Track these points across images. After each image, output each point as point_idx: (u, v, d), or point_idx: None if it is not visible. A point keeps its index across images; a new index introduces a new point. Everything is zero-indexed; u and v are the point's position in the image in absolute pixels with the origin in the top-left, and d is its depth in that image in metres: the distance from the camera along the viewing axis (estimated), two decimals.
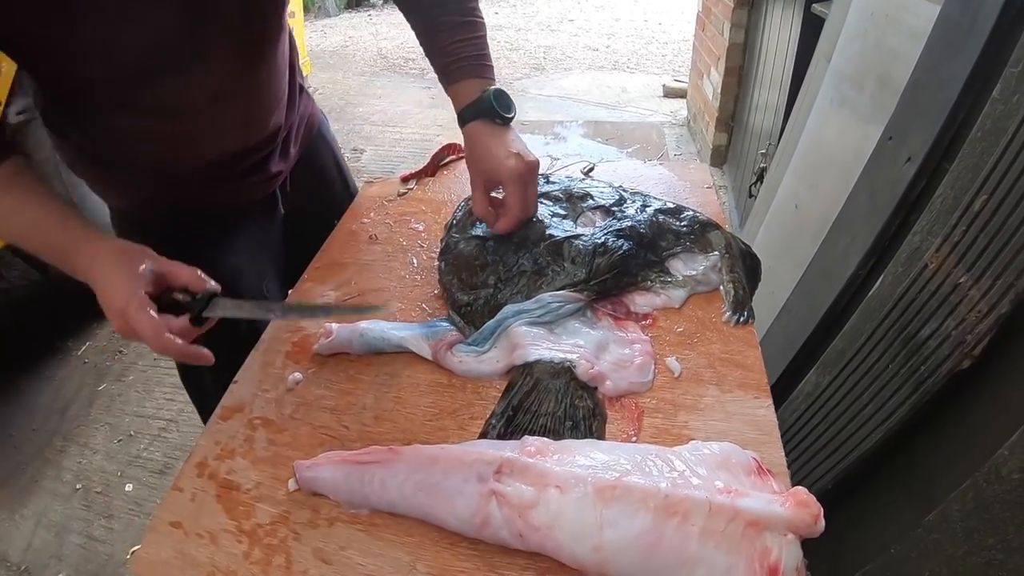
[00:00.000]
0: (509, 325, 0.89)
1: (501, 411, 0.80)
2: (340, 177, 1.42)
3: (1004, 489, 0.83)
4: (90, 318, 2.84)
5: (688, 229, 1.02)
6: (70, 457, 2.22)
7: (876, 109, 1.48)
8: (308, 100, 1.30)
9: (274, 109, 1.11)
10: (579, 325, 0.90)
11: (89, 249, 0.83)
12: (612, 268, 0.94)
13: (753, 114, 3.15)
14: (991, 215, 0.93)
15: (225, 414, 0.87)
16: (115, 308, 0.79)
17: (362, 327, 0.93)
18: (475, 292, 0.96)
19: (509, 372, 0.86)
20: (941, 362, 0.97)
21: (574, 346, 0.86)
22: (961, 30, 1.11)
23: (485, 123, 1.01)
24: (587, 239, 0.97)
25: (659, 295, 0.95)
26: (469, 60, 1.03)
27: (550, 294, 0.91)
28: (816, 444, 1.23)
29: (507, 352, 0.87)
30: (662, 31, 7.59)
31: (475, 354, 0.89)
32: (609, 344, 0.87)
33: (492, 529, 0.63)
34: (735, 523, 0.58)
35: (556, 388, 0.81)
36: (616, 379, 0.82)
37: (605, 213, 1.07)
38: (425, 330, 0.93)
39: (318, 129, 1.34)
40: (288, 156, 1.21)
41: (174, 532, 0.72)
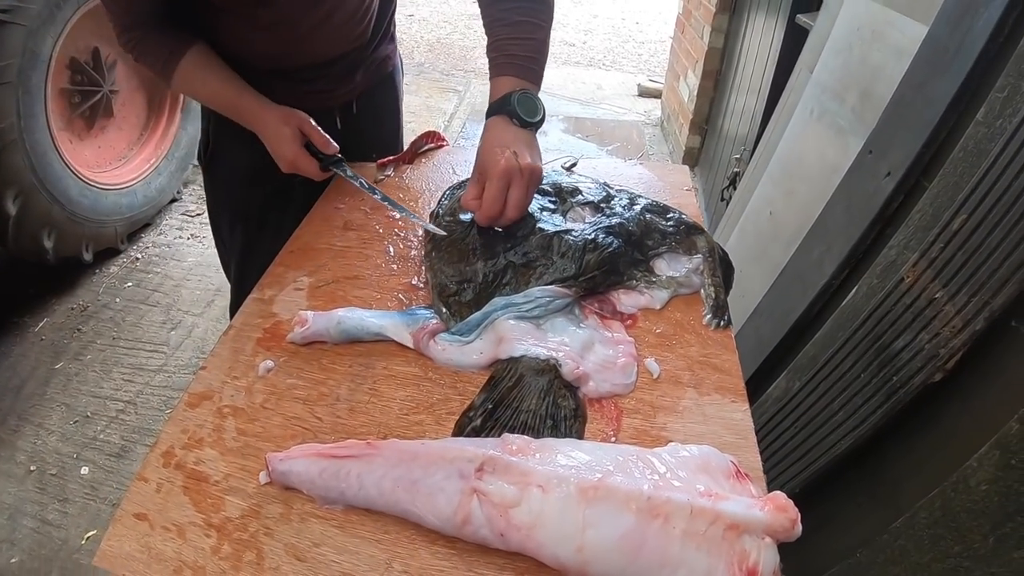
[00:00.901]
0: (496, 318, 0.88)
1: (480, 403, 0.80)
2: (393, 126, 1.56)
3: (972, 499, 0.85)
4: (48, 293, 2.76)
5: (674, 229, 1.02)
6: (24, 438, 2.15)
7: (856, 122, 1.50)
8: (391, 44, 1.45)
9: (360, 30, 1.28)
10: (566, 323, 0.89)
11: (260, 112, 1.16)
12: (601, 265, 0.94)
13: (728, 119, 3.17)
14: (969, 234, 0.95)
15: (193, 401, 0.84)
16: (284, 155, 1.15)
17: (339, 315, 0.90)
18: (464, 282, 0.95)
19: (492, 365, 0.85)
20: (914, 374, 0.99)
21: (560, 344, 0.85)
22: (948, 51, 1.12)
23: (503, 120, 1.02)
24: (577, 235, 0.97)
25: (643, 294, 0.95)
26: (515, 59, 1.05)
27: (539, 288, 0.90)
28: (785, 448, 1.24)
29: (492, 345, 0.86)
30: (639, 30, 7.63)
31: (459, 344, 0.87)
32: (594, 344, 0.87)
33: (473, 528, 0.62)
34: (716, 526, 0.58)
35: (539, 385, 0.80)
36: (599, 380, 0.82)
37: (594, 209, 1.07)
38: (405, 318, 0.91)
39: (390, 72, 1.46)
40: (353, 80, 1.34)
41: (139, 524, 0.70)
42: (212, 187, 1.45)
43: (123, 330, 2.61)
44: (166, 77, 1.13)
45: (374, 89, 1.43)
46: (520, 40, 1.06)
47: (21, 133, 2.30)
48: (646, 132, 4.55)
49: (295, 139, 1.14)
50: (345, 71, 1.32)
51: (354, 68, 1.33)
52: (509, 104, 1.01)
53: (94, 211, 2.71)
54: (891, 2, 1.49)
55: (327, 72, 1.29)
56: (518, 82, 1.04)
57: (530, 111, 1.02)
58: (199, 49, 1.13)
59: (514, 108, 1.01)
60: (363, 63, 1.35)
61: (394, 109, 1.55)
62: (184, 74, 1.13)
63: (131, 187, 2.96)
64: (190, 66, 1.12)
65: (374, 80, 1.41)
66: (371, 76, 1.40)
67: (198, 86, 1.16)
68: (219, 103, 1.18)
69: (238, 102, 1.16)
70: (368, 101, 1.41)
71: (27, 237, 2.45)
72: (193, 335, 2.59)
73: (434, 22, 7.48)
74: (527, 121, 1.02)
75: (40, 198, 2.42)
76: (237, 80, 1.16)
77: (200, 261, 3.01)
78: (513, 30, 1.06)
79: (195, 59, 1.12)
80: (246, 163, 1.33)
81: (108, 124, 2.93)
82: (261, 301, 1.01)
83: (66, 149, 2.58)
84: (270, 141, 1.15)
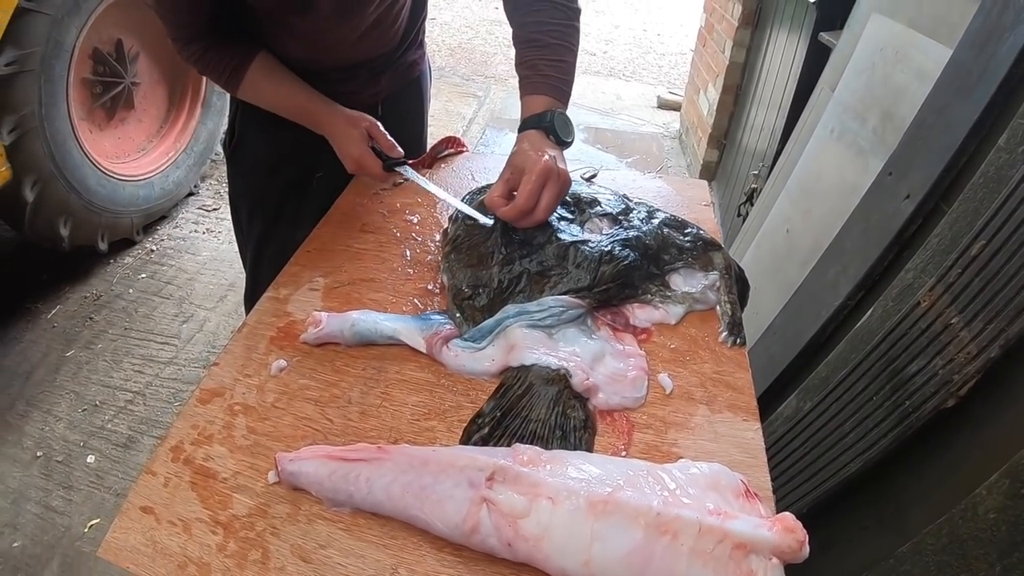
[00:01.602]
0: (508, 325, 0.88)
1: (489, 411, 0.80)
2: (417, 131, 1.58)
3: (980, 527, 0.84)
4: (62, 281, 2.78)
5: (691, 245, 1.02)
6: (32, 423, 2.16)
7: (877, 143, 1.49)
8: (420, 51, 1.49)
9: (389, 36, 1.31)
10: (578, 333, 0.89)
11: (330, 115, 1.20)
12: (616, 277, 0.94)
13: (747, 134, 3.16)
14: (988, 260, 0.94)
15: (204, 397, 0.85)
16: (351, 155, 1.18)
17: (353, 317, 0.91)
18: (479, 286, 0.95)
19: (502, 372, 0.85)
20: (926, 399, 0.98)
21: (571, 354, 0.85)
22: (972, 75, 1.12)
23: (539, 134, 1.06)
24: (594, 246, 0.97)
25: (657, 309, 0.95)
26: (550, 79, 1.10)
27: (552, 298, 0.90)
28: (793, 468, 1.23)
29: (503, 352, 0.86)
30: (660, 42, 7.62)
31: (471, 350, 0.88)
32: (605, 356, 0.86)
33: (481, 536, 0.62)
34: (723, 545, 0.58)
35: (549, 395, 0.80)
36: (609, 392, 0.81)
37: (612, 221, 1.07)
38: (419, 323, 0.92)
39: (416, 78, 1.50)
40: (379, 84, 1.37)
41: (145, 518, 0.70)
42: (234, 175, 1.49)
43: (135, 321, 2.63)
44: (232, 86, 1.18)
45: (399, 93, 1.45)
46: (553, 62, 1.11)
47: (42, 121, 2.32)
48: (664, 144, 4.54)
49: (363, 139, 1.17)
50: (372, 74, 1.35)
51: (381, 72, 1.35)
52: (547, 120, 1.06)
53: (111, 201, 2.73)
54: (915, 24, 1.48)
55: (355, 74, 1.32)
56: (553, 102, 1.09)
57: (565, 131, 1.06)
58: (263, 58, 1.18)
59: (552, 125, 1.05)
60: (390, 67, 1.37)
61: (419, 114, 1.58)
62: (252, 83, 1.18)
63: (149, 179, 2.98)
64: (257, 75, 1.17)
65: (400, 84, 1.44)
66: (397, 80, 1.42)
67: (267, 94, 1.21)
68: (288, 108, 1.22)
69: (309, 107, 1.20)
70: (393, 105, 1.43)
71: (43, 224, 2.47)
72: (205, 329, 2.60)
73: (456, 27, 7.50)
74: (562, 140, 1.06)
75: (58, 186, 2.44)
76: (304, 86, 1.21)
77: (215, 256, 3.02)
78: (548, 52, 1.11)
79: (261, 68, 1.17)
80: (267, 154, 1.39)
81: (128, 116, 2.95)
82: (276, 300, 1.01)
83: (86, 139, 2.60)
84: (338, 141, 1.19)
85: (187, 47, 1.12)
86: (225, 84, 1.18)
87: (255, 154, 1.41)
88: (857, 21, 1.79)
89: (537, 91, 1.10)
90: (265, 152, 1.39)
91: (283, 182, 1.42)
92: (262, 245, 1.48)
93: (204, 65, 1.15)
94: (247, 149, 1.41)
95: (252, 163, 1.43)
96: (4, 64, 2.13)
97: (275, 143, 1.32)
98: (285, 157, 1.33)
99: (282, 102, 1.22)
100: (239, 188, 1.49)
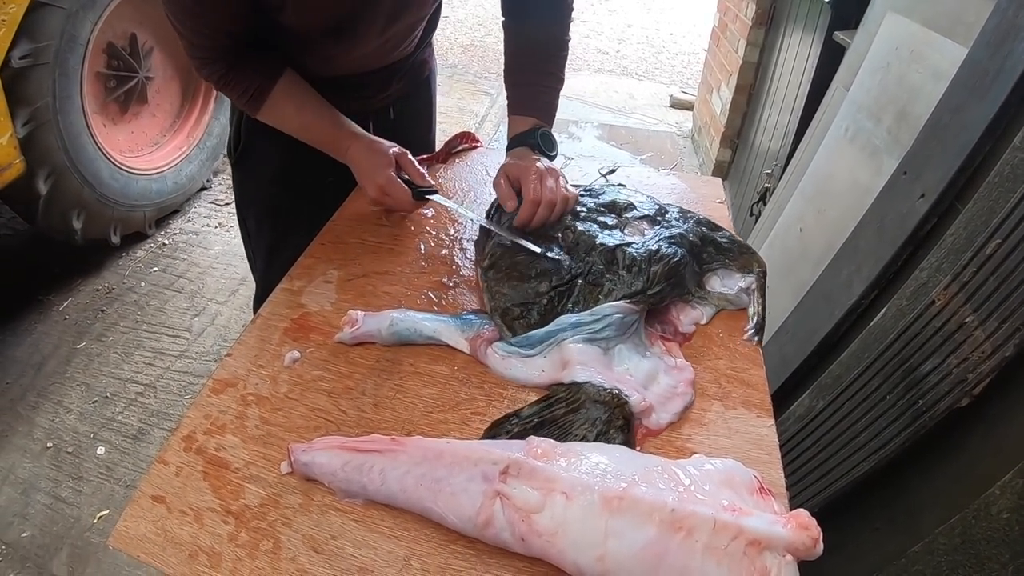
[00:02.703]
0: (564, 339, 0.86)
1: (527, 416, 0.78)
2: (427, 128, 1.59)
3: (992, 527, 0.84)
4: (75, 273, 2.79)
5: (728, 245, 1.02)
6: (43, 414, 2.17)
7: (892, 143, 1.48)
8: (429, 49, 1.48)
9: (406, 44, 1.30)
10: (632, 350, 0.87)
11: (351, 140, 1.16)
12: (669, 276, 0.92)
13: (760, 134, 3.15)
14: (1003, 259, 0.93)
15: (217, 387, 0.85)
16: (375, 182, 1.12)
17: (393, 316, 0.90)
18: (527, 304, 0.93)
19: (550, 386, 0.84)
20: (940, 398, 0.98)
21: (624, 374, 0.83)
22: (987, 75, 1.11)
23: (526, 149, 1.15)
24: (639, 246, 0.96)
25: (695, 309, 0.95)
26: (538, 104, 1.21)
27: (609, 305, 0.88)
28: (806, 467, 1.23)
29: (556, 366, 0.84)
30: (673, 41, 7.59)
31: (520, 356, 0.86)
32: (659, 374, 0.85)
33: (494, 530, 0.62)
34: (738, 541, 0.58)
35: (595, 416, 0.77)
36: (661, 412, 0.80)
37: (651, 222, 1.05)
38: (459, 322, 0.91)
39: (426, 77, 1.50)
40: (391, 87, 1.36)
41: (156, 507, 0.70)
42: (241, 182, 1.43)
43: (147, 314, 2.64)
44: (253, 108, 1.14)
45: (410, 94, 1.44)
46: (545, 88, 1.22)
47: (56, 114, 2.33)
48: (677, 144, 4.53)
49: (389, 166, 1.13)
50: (386, 78, 1.32)
51: (393, 76, 1.34)
52: (533, 138, 1.16)
53: (124, 195, 2.74)
54: (931, 23, 1.47)
55: (370, 80, 1.30)
56: (540, 123, 1.19)
57: (549, 146, 1.17)
58: (286, 81, 1.13)
59: (537, 141, 1.16)
60: (403, 70, 1.35)
61: (428, 112, 1.57)
62: (273, 107, 1.13)
63: (162, 173, 2.99)
64: (280, 98, 1.13)
65: (411, 86, 1.43)
66: (409, 82, 1.41)
67: (289, 118, 1.16)
68: (311, 134, 1.18)
69: (333, 133, 1.17)
70: (404, 105, 1.42)
71: (57, 216, 2.48)
72: (216, 323, 2.61)
73: (469, 24, 7.49)
74: (547, 155, 1.16)
75: (71, 179, 2.45)
76: (330, 109, 1.17)
77: (227, 250, 3.03)
78: (541, 78, 1.21)
79: (284, 91, 1.13)
80: (276, 163, 1.33)
81: (142, 110, 2.96)
82: (290, 292, 1.01)
83: (99, 132, 2.61)
84: (363, 167, 1.14)
85: (206, 67, 1.08)
86: (246, 105, 1.14)
87: (264, 161, 1.36)
88: (872, 20, 1.78)
89: (527, 112, 1.19)
90: (274, 158, 1.33)
91: (294, 189, 1.36)
92: (273, 253, 1.42)
93: (224, 85, 1.11)
94: (254, 155, 1.36)
95: (260, 170, 1.38)
96: (19, 57, 2.13)
97: (285, 149, 1.24)
98: (295, 163, 1.26)
99: (304, 128, 1.17)
100: (247, 196, 1.44)
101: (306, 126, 1.17)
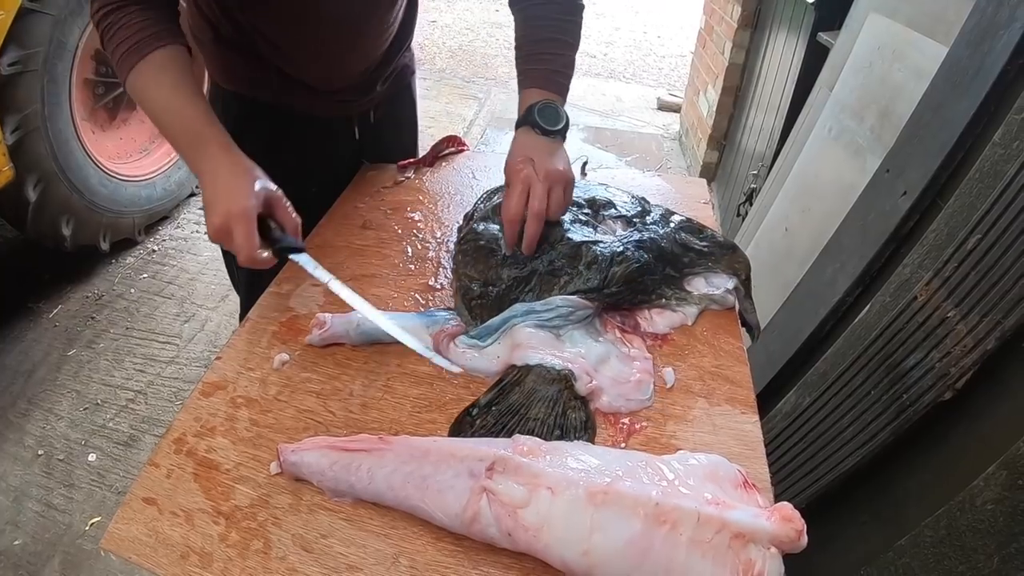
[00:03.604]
0: (515, 324, 0.88)
1: (486, 403, 0.80)
2: (411, 133, 1.53)
3: (977, 518, 0.85)
4: (64, 280, 2.78)
5: (709, 249, 1.01)
6: (33, 422, 2.17)
7: (875, 141, 1.50)
8: (409, 52, 1.40)
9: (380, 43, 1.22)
10: (585, 335, 0.89)
11: (216, 152, 0.92)
12: (628, 279, 0.92)
13: (746, 135, 3.17)
14: (983, 254, 0.95)
15: (207, 390, 0.85)
16: (222, 211, 0.86)
17: (358, 318, 0.91)
18: (488, 285, 0.95)
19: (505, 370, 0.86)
20: (924, 392, 0.99)
21: (576, 355, 0.85)
22: (967, 72, 1.13)
23: (528, 131, 1.04)
24: (606, 246, 0.96)
25: (676, 312, 0.95)
26: (542, 72, 1.08)
27: (561, 297, 0.89)
28: (793, 463, 1.24)
29: (508, 350, 0.86)
30: (660, 44, 7.62)
31: (477, 348, 0.88)
32: (611, 358, 0.86)
33: (481, 526, 0.62)
34: (722, 534, 0.58)
35: (550, 395, 0.80)
36: (613, 395, 0.81)
37: (626, 223, 1.05)
38: (424, 319, 0.92)
39: (408, 82, 1.44)
40: (374, 91, 1.30)
41: (147, 509, 0.71)
42: None
43: (137, 320, 2.63)
44: (127, 65, 0.91)
45: (392, 99, 1.40)
46: (548, 56, 1.08)
47: (44, 121, 2.33)
48: (664, 146, 4.55)
49: (250, 196, 0.88)
50: (368, 83, 1.28)
51: (376, 79, 1.30)
52: (531, 115, 1.03)
53: (113, 201, 2.74)
54: (912, 22, 1.49)
55: (350, 83, 1.24)
56: (542, 93, 1.06)
57: (551, 120, 1.03)
58: (180, 50, 0.94)
59: (535, 118, 1.03)
60: (384, 74, 1.31)
61: (411, 116, 1.53)
62: (150, 70, 0.91)
63: (151, 179, 2.98)
64: (163, 62, 0.91)
65: (393, 90, 1.39)
66: (391, 86, 1.37)
67: (160, 90, 0.92)
68: (172, 119, 0.93)
69: (202, 130, 0.93)
70: (387, 109, 1.40)
71: (46, 223, 2.48)
72: (206, 328, 2.61)
73: (457, 29, 7.50)
74: (548, 130, 1.03)
75: (60, 186, 2.45)
76: (207, 105, 0.95)
77: (216, 256, 3.02)
78: (543, 46, 1.09)
79: (172, 57, 0.92)
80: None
81: (130, 116, 2.96)
82: (278, 295, 1.02)
83: (88, 139, 2.61)
84: (218, 186, 0.89)
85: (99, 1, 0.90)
86: (119, 62, 0.91)
87: None
88: (855, 20, 1.80)
89: (528, 85, 1.08)
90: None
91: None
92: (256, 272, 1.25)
93: (107, 26, 0.91)
94: None
95: None
96: (7, 64, 2.13)
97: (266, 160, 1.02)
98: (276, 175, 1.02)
99: (173, 108, 0.92)
100: None
101: (171, 109, 0.92)
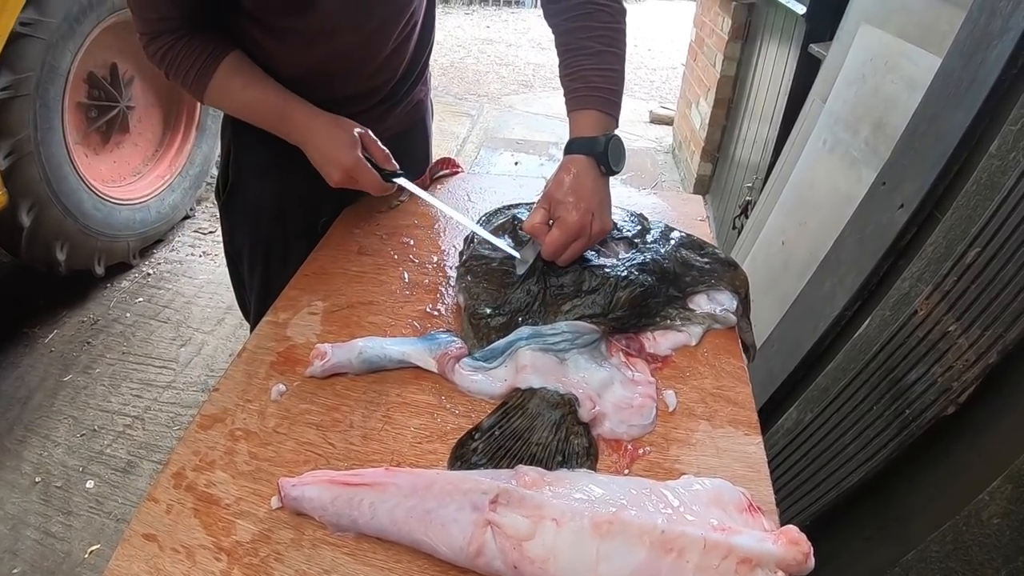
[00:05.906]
0: (520, 347, 0.87)
1: (489, 426, 0.79)
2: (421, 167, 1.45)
3: (984, 533, 0.84)
4: (60, 305, 2.77)
5: (710, 266, 1.01)
6: (30, 448, 2.15)
7: (870, 153, 1.50)
8: (424, 87, 1.40)
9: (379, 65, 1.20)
10: (588, 359, 0.88)
11: (308, 117, 1.07)
12: (632, 304, 0.92)
13: (740, 147, 3.18)
14: (983, 267, 0.95)
15: (205, 423, 0.84)
16: (338, 167, 1.05)
17: (360, 345, 0.90)
18: (497, 307, 0.94)
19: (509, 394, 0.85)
20: (926, 407, 0.99)
21: (580, 381, 0.84)
22: (962, 83, 1.13)
23: (589, 163, 0.98)
24: (609, 270, 0.95)
25: (680, 332, 0.94)
26: (600, 91, 1.01)
27: (567, 323, 0.89)
28: (795, 480, 1.23)
29: (512, 373, 0.85)
30: (651, 57, 7.68)
31: (483, 370, 0.87)
32: (614, 383, 0.85)
33: (486, 559, 0.62)
34: (728, 560, 0.58)
35: (553, 419, 0.79)
36: (616, 421, 0.80)
37: (628, 244, 1.05)
38: (427, 343, 0.91)
39: (421, 117, 1.44)
40: (387, 122, 1.27)
41: (148, 545, 0.70)
42: (231, 226, 1.35)
43: (133, 345, 2.62)
44: (199, 88, 1.04)
45: (404, 134, 1.37)
46: (603, 72, 1.02)
47: (37, 145, 2.33)
48: (658, 159, 4.56)
49: (354, 145, 1.04)
50: (381, 111, 1.27)
51: (389, 109, 1.28)
52: (599, 147, 0.97)
53: (107, 225, 2.74)
54: (904, 33, 1.50)
55: (361, 111, 1.20)
56: (604, 118, 1.01)
57: (617, 159, 0.99)
58: (238, 55, 1.05)
59: (604, 153, 0.97)
60: (398, 104, 1.30)
61: (424, 151, 1.51)
62: (220, 83, 1.04)
63: (144, 203, 2.99)
64: (228, 72, 1.04)
65: (407, 124, 1.38)
66: (404, 120, 1.36)
67: (237, 92, 1.06)
68: (261, 110, 1.08)
69: (285, 107, 1.06)
70: (398, 142, 1.32)
71: (40, 248, 2.47)
72: (203, 353, 2.60)
73: (448, 46, 7.55)
74: (613, 170, 0.98)
75: (54, 210, 2.45)
76: (281, 87, 1.07)
77: (212, 279, 3.02)
78: (596, 60, 1.02)
79: (233, 65, 1.04)
80: (269, 201, 1.28)
81: (124, 140, 2.96)
82: (275, 324, 1.01)
83: (81, 163, 2.61)
84: (322, 146, 1.06)
85: (153, 42, 1.00)
86: (192, 86, 1.04)
87: (255, 202, 1.29)
88: (846, 32, 1.81)
89: (586, 105, 1.01)
90: (267, 199, 1.27)
91: (287, 230, 1.30)
92: (266, 295, 1.31)
93: (169, 62, 1.02)
94: (246, 196, 1.29)
95: (252, 211, 1.30)
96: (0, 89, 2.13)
97: (278, 189, 1.18)
98: (288, 204, 1.19)
99: (253, 102, 1.07)
100: (238, 239, 1.35)
101: (254, 100, 1.06)
